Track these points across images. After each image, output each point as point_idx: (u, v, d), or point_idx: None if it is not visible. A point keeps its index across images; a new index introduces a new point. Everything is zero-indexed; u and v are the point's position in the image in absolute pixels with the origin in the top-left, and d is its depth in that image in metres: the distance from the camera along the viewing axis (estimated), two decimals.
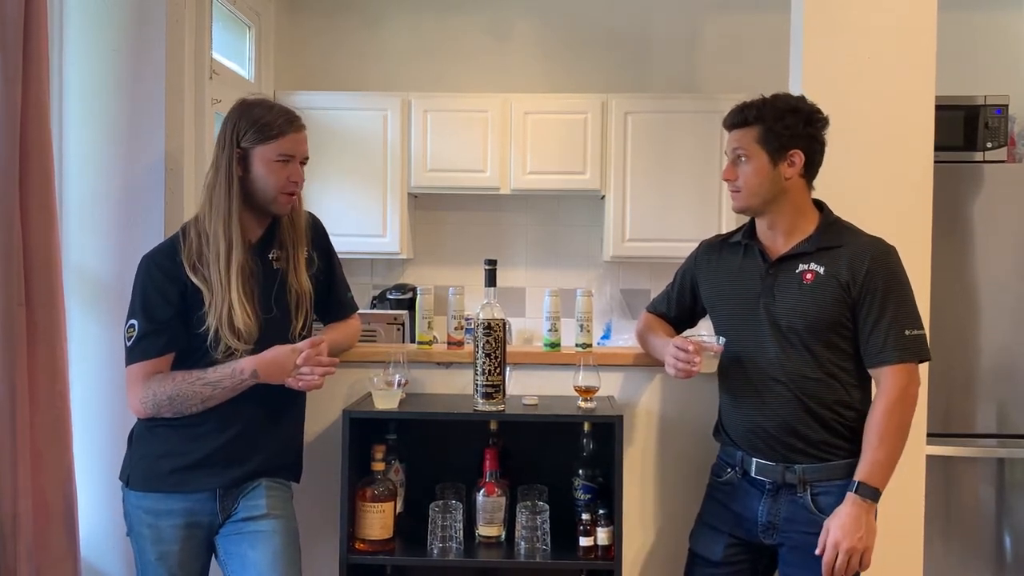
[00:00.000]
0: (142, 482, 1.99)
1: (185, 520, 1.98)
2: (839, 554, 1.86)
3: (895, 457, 1.91)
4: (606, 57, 4.36)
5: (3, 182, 2.01)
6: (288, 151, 1.99)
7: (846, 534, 1.86)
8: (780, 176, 1.96)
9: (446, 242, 4.47)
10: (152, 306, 1.96)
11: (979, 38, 4.11)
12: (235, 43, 3.93)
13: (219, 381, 1.93)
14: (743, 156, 1.98)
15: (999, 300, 3.02)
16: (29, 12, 2.05)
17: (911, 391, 1.91)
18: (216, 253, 1.94)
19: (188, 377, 1.93)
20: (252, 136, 1.96)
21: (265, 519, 2.00)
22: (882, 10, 2.39)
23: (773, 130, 1.94)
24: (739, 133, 1.99)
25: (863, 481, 1.88)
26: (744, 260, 2.07)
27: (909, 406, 1.91)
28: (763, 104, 1.97)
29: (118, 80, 2.41)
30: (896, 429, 1.90)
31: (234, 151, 1.96)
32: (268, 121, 1.97)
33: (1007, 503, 3.05)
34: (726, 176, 2.02)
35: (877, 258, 1.93)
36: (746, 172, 1.98)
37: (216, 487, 1.98)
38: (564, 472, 2.31)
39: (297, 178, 2.01)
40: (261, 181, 1.98)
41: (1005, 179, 3.06)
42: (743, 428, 2.02)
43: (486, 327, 2.12)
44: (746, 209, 2.03)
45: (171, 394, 1.92)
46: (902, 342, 1.90)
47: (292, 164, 2.00)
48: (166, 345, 1.96)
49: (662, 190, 4.04)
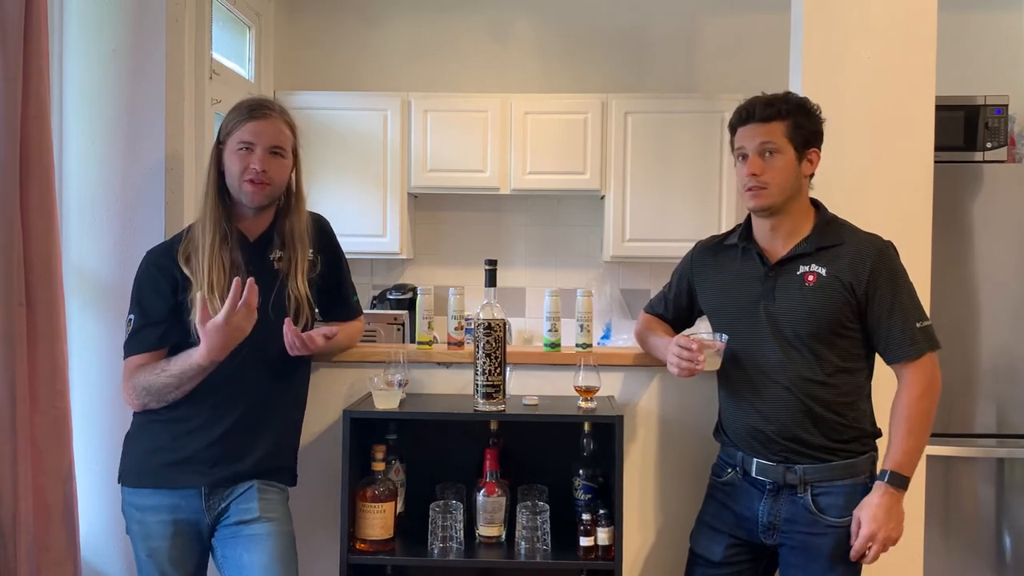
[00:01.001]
0: (133, 478, 2.02)
1: (171, 516, 1.98)
2: (873, 545, 1.88)
3: (922, 445, 1.93)
4: (606, 57, 4.37)
5: (3, 182, 2.01)
6: (247, 139, 2.00)
7: (880, 525, 1.87)
8: (801, 174, 1.95)
9: (446, 242, 4.47)
10: (147, 301, 2.01)
11: (979, 38, 4.11)
12: (235, 43, 3.93)
13: (181, 372, 1.94)
14: (772, 150, 1.92)
15: (999, 300, 3.02)
16: (29, 12, 2.05)
17: (934, 380, 1.93)
18: (198, 246, 1.99)
19: (154, 369, 1.96)
20: (224, 130, 2.04)
21: (258, 522, 2.00)
22: (882, 10, 2.39)
23: (801, 126, 1.93)
24: (766, 127, 1.93)
25: (894, 470, 1.90)
26: (742, 263, 2.05)
27: (934, 394, 1.93)
28: (786, 99, 1.95)
29: (118, 80, 2.41)
30: (923, 418, 1.92)
31: (215, 147, 2.04)
32: (234, 116, 2.03)
33: (1007, 503, 3.05)
34: (754, 170, 1.92)
35: (879, 256, 1.92)
36: (776, 166, 1.92)
37: (201, 485, 1.98)
38: (564, 472, 2.31)
39: (257, 165, 1.98)
40: (227, 172, 2.03)
41: (1005, 179, 3.06)
42: (743, 429, 2.02)
43: (486, 327, 2.12)
44: (770, 207, 1.95)
45: (145, 385, 1.97)
46: (916, 335, 1.91)
47: (253, 153, 1.99)
48: (160, 339, 2.00)
49: (662, 190, 4.04)
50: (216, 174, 2.03)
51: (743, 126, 1.97)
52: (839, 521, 1.92)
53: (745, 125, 1.96)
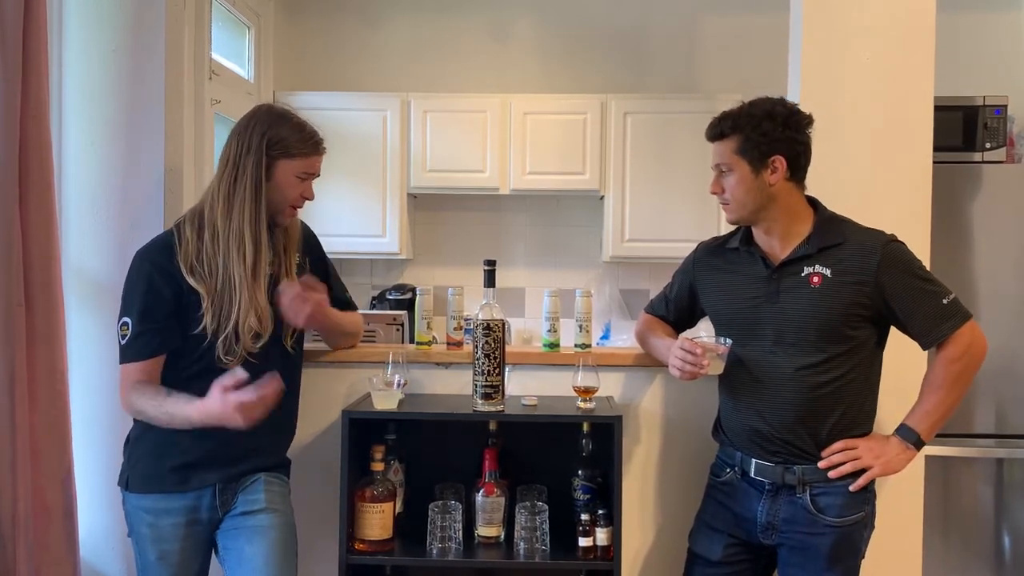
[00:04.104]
0: (142, 483, 1.99)
1: (186, 518, 1.98)
2: (846, 461, 1.91)
3: (945, 409, 1.93)
4: (605, 57, 4.37)
5: (3, 182, 2.01)
6: (310, 170, 2.05)
7: (867, 449, 1.91)
8: (765, 184, 1.94)
9: (445, 242, 4.47)
10: (146, 306, 1.95)
11: (978, 38, 4.11)
12: (235, 43, 3.93)
13: (174, 415, 1.91)
14: (725, 169, 1.98)
15: (998, 300, 3.02)
16: (29, 12, 2.05)
17: (972, 345, 1.91)
18: (241, 256, 1.95)
19: (154, 401, 1.93)
20: (280, 148, 2.00)
21: (262, 513, 2.01)
22: (881, 10, 2.39)
23: (751, 139, 1.93)
24: (719, 146, 1.98)
25: (907, 424, 1.93)
26: (744, 266, 2.05)
27: (970, 360, 1.92)
28: (739, 113, 1.95)
29: (118, 80, 2.41)
30: (953, 380, 1.92)
31: (262, 157, 1.98)
32: (300, 139, 2.02)
33: (1006, 503, 3.05)
34: (713, 190, 2.03)
35: (884, 251, 1.91)
36: (730, 184, 1.97)
37: (215, 483, 1.99)
38: (563, 472, 2.32)
39: (310, 195, 2.08)
40: (277, 192, 2.01)
41: (1004, 179, 3.06)
42: (742, 429, 2.02)
43: (485, 327, 2.12)
44: (738, 220, 2.03)
45: (140, 409, 1.96)
46: (946, 312, 1.91)
47: (308, 181, 2.06)
48: (159, 346, 1.96)
49: (661, 190, 4.04)
50: (259, 184, 1.98)
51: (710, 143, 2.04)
52: (838, 521, 1.92)
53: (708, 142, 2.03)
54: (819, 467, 1.93)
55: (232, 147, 2.00)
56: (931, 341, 1.93)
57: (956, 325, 1.91)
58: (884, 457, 1.92)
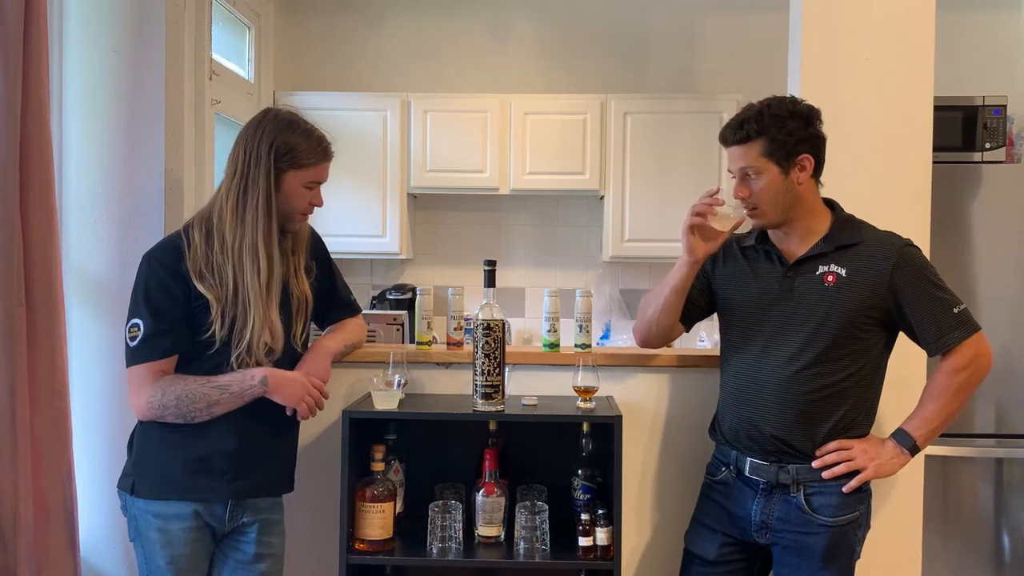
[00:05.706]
0: (151, 490, 1.95)
1: (197, 523, 1.96)
2: (843, 460, 1.91)
3: (943, 418, 1.93)
4: (605, 57, 4.37)
5: (3, 182, 2.01)
6: (318, 178, 2.04)
7: (862, 450, 1.91)
8: (793, 184, 1.92)
9: (445, 242, 4.47)
10: (158, 306, 1.91)
11: (977, 38, 4.12)
12: (235, 44, 3.93)
13: (228, 385, 1.91)
14: (752, 173, 1.93)
15: (997, 300, 3.03)
16: (29, 12, 2.06)
17: (978, 356, 1.92)
18: (255, 271, 1.93)
19: (199, 379, 1.92)
20: (289, 159, 1.97)
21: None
22: (881, 10, 2.39)
23: (777, 140, 1.90)
24: (742, 149, 1.93)
25: (903, 428, 1.93)
26: (759, 263, 2.04)
27: (974, 371, 1.92)
28: (760, 115, 1.91)
29: (118, 81, 2.41)
30: (955, 390, 1.92)
31: (271, 168, 1.96)
32: (308, 148, 1.99)
33: (1005, 503, 3.05)
34: (740, 195, 1.95)
35: (900, 255, 1.91)
36: (759, 188, 1.93)
37: (228, 498, 1.97)
38: (563, 472, 2.32)
39: (319, 202, 2.06)
40: (286, 203, 1.99)
41: (1003, 179, 3.06)
42: (740, 428, 2.02)
43: (485, 327, 2.12)
44: (769, 224, 1.99)
45: (179, 394, 1.90)
46: (955, 321, 1.91)
47: (317, 189, 2.05)
48: (171, 347, 1.92)
49: (661, 190, 4.04)
50: (270, 198, 1.96)
51: (726, 148, 1.98)
52: (832, 521, 1.92)
53: (727, 147, 1.98)
54: (813, 467, 1.93)
55: (240, 155, 1.96)
56: (938, 348, 1.93)
57: (965, 335, 1.91)
58: (878, 460, 1.92)
